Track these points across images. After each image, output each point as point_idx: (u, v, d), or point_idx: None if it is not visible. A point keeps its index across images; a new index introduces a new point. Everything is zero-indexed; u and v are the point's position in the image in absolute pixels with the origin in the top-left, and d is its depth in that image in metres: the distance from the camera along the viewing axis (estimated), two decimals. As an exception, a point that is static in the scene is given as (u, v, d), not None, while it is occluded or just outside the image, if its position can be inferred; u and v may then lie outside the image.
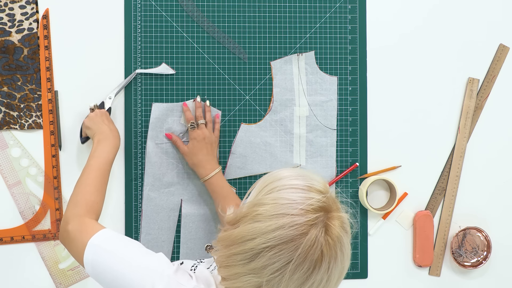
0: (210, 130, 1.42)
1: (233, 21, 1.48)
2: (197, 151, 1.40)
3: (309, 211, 0.94)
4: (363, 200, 1.48)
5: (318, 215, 0.94)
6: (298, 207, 0.94)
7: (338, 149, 1.51)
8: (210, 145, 1.40)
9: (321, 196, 0.96)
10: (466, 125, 1.53)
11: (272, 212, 0.95)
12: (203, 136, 1.40)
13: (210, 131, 1.42)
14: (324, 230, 0.94)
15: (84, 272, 1.45)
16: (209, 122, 1.43)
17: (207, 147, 1.40)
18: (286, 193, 0.97)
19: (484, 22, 1.54)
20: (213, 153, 1.41)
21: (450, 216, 1.53)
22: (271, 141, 1.49)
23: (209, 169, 1.39)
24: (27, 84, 1.42)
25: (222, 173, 1.42)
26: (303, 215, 0.94)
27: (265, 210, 0.95)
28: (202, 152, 1.39)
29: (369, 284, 1.52)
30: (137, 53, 1.45)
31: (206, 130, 1.41)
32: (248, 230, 0.94)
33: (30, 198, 1.44)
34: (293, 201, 0.95)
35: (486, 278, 1.54)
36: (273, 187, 0.99)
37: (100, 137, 1.32)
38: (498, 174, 1.55)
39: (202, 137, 1.40)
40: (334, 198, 1.00)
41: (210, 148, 1.40)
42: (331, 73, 1.50)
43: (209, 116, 1.44)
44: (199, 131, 1.40)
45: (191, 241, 1.47)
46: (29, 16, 1.42)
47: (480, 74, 1.54)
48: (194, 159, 1.40)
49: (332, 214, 0.97)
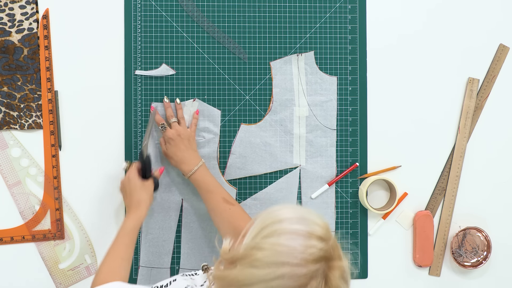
0: (184, 126, 1.41)
1: (233, 21, 1.48)
2: (175, 149, 1.39)
3: (310, 261, 0.91)
4: (363, 200, 1.48)
5: (318, 266, 0.91)
6: (298, 256, 0.91)
7: (338, 149, 1.51)
8: (187, 140, 1.39)
9: (323, 245, 0.93)
10: (466, 125, 1.53)
11: (271, 259, 0.91)
12: (177, 134, 1.39)
13: (184, 127, 1.41)
14: (324, 282, 0.92)
15: (84, 272, 1.45)
16: (181, 119, 1.42)
17: (184, 143, 1.39)
18: (285, 239, 0.92)
19: (484, 22, 1.54)
20: (192, 147, 1.40)
21: (450, 216, 1.53)
22: (271, 142, 1.49)
23: (192, 164, 1.38)
24: (27, 84, 1.42)
25: (205, 167, 1.40)
26: (304, 266, 0.91)
27: (263, 255, 0.91)
28: (180, 149, 1.38)
29: (369, 284, 1.52)
30: (137, 53, 1.45)
31: (179, 127, 1.40)
32: (246, 275, 0.91)
33: (30, 198, 1.44)
34: (293, 248, 0.91)
35: (486, 278, 1.54)
36: (272, 230, 0.94)
37: (129, 207, 1.35)
38: (498, 174, 1.55)
39: (176, 135, 1.39)
40: (336, 245, 0.96)
41: (188, 143, 1.39)
42: (331, 73, 1.50)
43: (181, 113, 1.43)
44: (172, 130, 1.40)
45: (192, 241, 1.47)
46: (29, 16, 1.42)
47: (480, 74, 1.54)
48: (174, 158, 1.39)
49: (333, 264, 0.93)
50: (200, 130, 1.46)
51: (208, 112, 1.47)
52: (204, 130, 1.46)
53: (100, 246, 1.45)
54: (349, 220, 1.51)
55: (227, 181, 1.47)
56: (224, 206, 1.34)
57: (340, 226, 1.51)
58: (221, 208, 1.34)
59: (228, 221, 1.33)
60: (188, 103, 1.46)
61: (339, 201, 1.51)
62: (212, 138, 1.47)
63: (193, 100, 1.46)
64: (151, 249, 1.46)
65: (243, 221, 1.30)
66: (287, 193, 1.49)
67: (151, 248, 1.46)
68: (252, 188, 1.49)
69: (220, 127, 1.47)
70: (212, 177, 1.39)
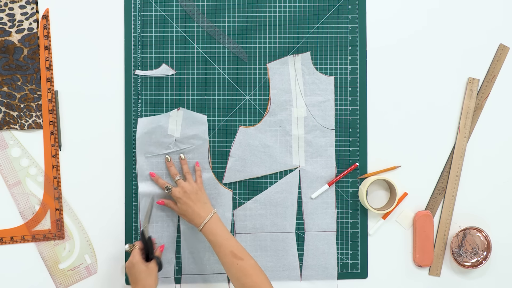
0: (190, 180, 1.41)
1: (233, 21, 1.48)
2: (185, 207, 1.39)
3: None
4: (363, 200, 1.48)
5: None
6: None
7: (338, 149, 1.51)
8: (195, 195, 1.39)
9: None
10: (466, 125, 1.53)
11: None
12: (183, 191, 1.39)
13: (190, 182, 1.41)
14: None
15: (83, 272, 1.45)
16: (187, 174, 1.43)
17: (192, 198, 1.39)
18: None
19: (484, 22, 1.54)
20: (201, 200, 1.39)
21: (450, 216, 1.53)
22: (270, 143, 1.49)
23: (202, 217, 1.37)
24: (27, 84, 1.42)
25: (217, 218, 1.37)
26: None
27: None
28: (189, 205, 1.38)
29: (369, 284, 1.52)
30: (137, 53, 1.45)
31: (185, 183, 1.40)
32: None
33: (30, 198, 1.44)
34: None
35: (486, 278, 1.54)
36: None
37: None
38: (498, 174, 1.55)
39: (183, 192, 1.39)
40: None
41: (195, 198, 1.39)
42: (331, 73, 1.50)
43: (186, 168, 1.43)
44: (178, 188, 1.40)
45: (192, 247, 1.47)
46: (29, 16, 1.42)
47: (480, 74, 1.54)
48: (187, 215, 1.39)
49: None
50: (189, 138, 1.46)
51: (194, 119, 1.46)
52: (193, 138, 1.46)
53: (100, 246, 1.45)
54: (349, 220, 1.51)
55: (223, 185, 1.47)
56: (232, 261, 1.31)
57: (340, 226, 1.51)
58: (229, 262, 1.31)
59: (235, 277, 1.30)
60: (172, 113, 1.45)
61: (339, 201, 1.51)
62: (201, 144, 1.47)
63: (177, 109, 1.46)
64: None
65: (249, 277, 1.28)
66: (287, 194, 1.49)
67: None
68: (252, 191, 1.49)
69: (220, 127, 1.47)
70: (223, 229, 1.36)
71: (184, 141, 1.46)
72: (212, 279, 1.47)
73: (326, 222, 1.50)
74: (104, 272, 1.46)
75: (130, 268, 1.35)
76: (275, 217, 1.49)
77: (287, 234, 1.49)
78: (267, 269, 1.48)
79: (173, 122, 1.46)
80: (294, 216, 1.49)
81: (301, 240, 1.50)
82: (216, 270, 1.47)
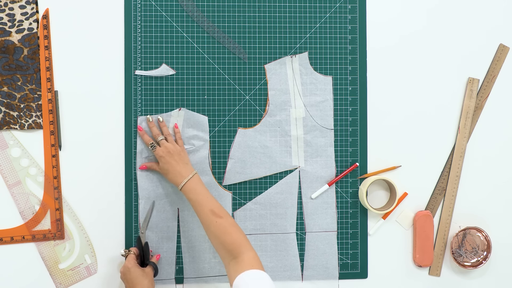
0: (172, 142, 1.42)
1: (233, 21, 1.48)
2: (167, 166, 1.40)
3: None
4: (363, 200, 1.48)
5: None
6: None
7: (338, 149, 1.51)
8: (178, 155, 1.40)
9: None
10: (466, 125, 1.53)
11: None
12: (167, 151, 1.40)
13: (172, 143, 1.42)
14: None
15: (83, 272, 1.45)
16: (168, 136, 1.43)
17: (175, 158, 1.40)
18: None
19: (484, 22, 1.54)
20: (183, 161, 1.41)
21: (450, 216, 1.53)
22: (269, 144, 1.49)
23: (184, 175, 1.38)
24: (27, 84, 1.42)
25: (198, 179, 1.38)
26: None
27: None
28: (172, 164, 1.40)
29: (369, 284, 1.52)
30: (137, 53, 1.45)
31: (168, 144, 1.41)
32: None
33: (30, 198, 1.44)
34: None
35: (486, 278, 1.54)
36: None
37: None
38: (498, 174, 1.55)
39: (166, 152, 1.40)
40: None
41: (178, 158, 1.40)
42: (331, 73, 1.50)
43: (167, 130, 1.44)
44: (161, 147, 1.41)
45: (193, 249, 1.47)
46: (29, 16, 1.42)
47: (480, 74, 1.54)
48: (169, 174, 1.40)
49: None
50: (190, 138, 1.46)
51: (195, 120, 1.46)
52: (194, 138, 1.46)
53: (100, 246, 1.45)
54: (349, 220, 1.51)
55: (222, 186, 1.47)
56: (211, 219, 1.31)
57: (340, 226, 1.51)
58: (208, 220, 1.32)
59: (215, 235, 1.30)
60: (174, 113, 1.46)
61: (339, 201, 1.51)
62: (202, 145, 1.47)
63: (179, 109, 1.46)
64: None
65: (228, 235, 1.28)
66: (287, 195, 1.49)
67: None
68: (252, 192, 1.49)
69: (220, 127, 1.47)
70: (203, 189, 1.37)
71: (184, 141, 1.46)
72: (213, 280, 1.47)
73: (326, 222, 1.50)
74: (104, 272, 1.46)
75: (125, 274, 1.36)
76: (276, 217, 1.49)
77: (288, 234, 1.49)
78: (268, 269, 1.48)
79: (174, 122, 1.46)
80: (294, 217, 1.49)
81: (302, 240, 1.50)
82: (217, 273, 1.47)
